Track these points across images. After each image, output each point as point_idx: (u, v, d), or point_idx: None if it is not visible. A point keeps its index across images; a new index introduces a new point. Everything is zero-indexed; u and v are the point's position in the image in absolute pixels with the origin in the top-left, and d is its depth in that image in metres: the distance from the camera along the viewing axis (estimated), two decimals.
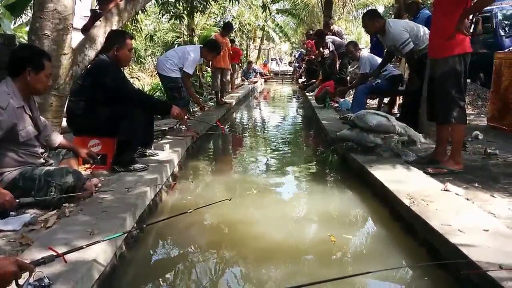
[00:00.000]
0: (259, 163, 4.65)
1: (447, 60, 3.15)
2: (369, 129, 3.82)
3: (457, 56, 3.12)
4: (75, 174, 2.55)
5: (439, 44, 3.23)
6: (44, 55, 2.49)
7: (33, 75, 2.40)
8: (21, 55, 2.43)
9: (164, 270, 2.24)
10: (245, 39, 21.30)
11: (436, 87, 3.28)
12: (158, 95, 8.63)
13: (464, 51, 3.13)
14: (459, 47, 3.11)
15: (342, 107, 7.21)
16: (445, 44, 3.13)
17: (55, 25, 3.26)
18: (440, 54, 3.22)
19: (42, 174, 2.43)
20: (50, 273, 1.61)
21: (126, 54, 3.44)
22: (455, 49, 3.11)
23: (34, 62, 2.40)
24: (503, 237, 2.00)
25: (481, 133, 4.54)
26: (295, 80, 18.18)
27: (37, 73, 2.41)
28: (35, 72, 2.40)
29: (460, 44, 3.10)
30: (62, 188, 2.44)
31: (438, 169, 3.21)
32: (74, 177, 2.51)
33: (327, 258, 2.34)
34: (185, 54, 5.28)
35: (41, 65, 2.42)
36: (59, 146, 2.84)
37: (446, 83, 3.17)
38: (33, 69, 2.39)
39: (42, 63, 2.42)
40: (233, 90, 11.37)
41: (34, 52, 2.47)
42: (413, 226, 2.42)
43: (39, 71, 2.41)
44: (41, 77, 2.43)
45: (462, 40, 3.10)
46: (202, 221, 2.80)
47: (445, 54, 3.16)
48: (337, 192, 3.49)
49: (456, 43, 3.09)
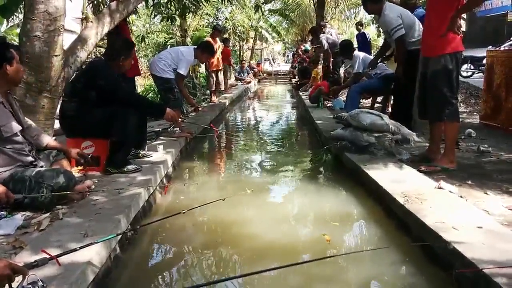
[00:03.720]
0: (253, 163, 4.65)
1: (439, 59, 3.18)
2: (363, 128, 3.83)
3: (448, 54, 3.14)
4: (66, 174, 2.53)
5: (431, 43, 3.26)
6: (8, 44, 2.53)
7: (10, 67, 2.42)
8: None
9: (159, 271, 2.23)
10: (238, 40, 21.30)
11: (428, 85, 3.30)
12: (151, 96, 8.61)
13: (455, 50, 3.16)
14: (451, 45, 3.13)
15: (335, 107, 7.22)
16: (437, 42, 3.16)
17: (46, 26, 3.23)
18: (432, 52, 3.24)
19: (32, 175, 2.41)
20: (44, 276, 1.59)
21: (129, 64, 3.56)
22: (447, 47, 3.14)
23: (6, 56, 2.41)
24: (496, 234, 2.01)
25: (474, 131, 4.57)
26: (289, 80, 18.22)
27: (12, 64, 2.43)
28: (10, 64, 2.42)
29: (451, 42, 3.13)
30: (54, 189, 2.41)
31: (432, 167, 3.23)
32: (66, 177, 2.49)
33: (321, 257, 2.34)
34: (179, 55, 5.26)
35: (11, 55, 2.43)
36: (48, 147, 2.81)
37: (438, 81, 3.20)
38: (8, 63, 2.41)
39: (12, 53, 2.44)
40: (226, 90, 11.36)
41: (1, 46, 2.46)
42: (407, 224, 2.43)
43: (12, 62, 2.43)
44: (18, 66, 2.47)
45: (454, 39, 3.12)
46: (196, 221, 2.79)
47: (437, 52, 3.19)
48: (331, 192, 3.49)
49: (448, 41, 3.11)
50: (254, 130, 7.10)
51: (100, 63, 3.35)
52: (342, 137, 4.13)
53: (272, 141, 5.86)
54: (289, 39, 26.82)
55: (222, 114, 8.46)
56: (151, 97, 8.56)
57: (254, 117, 9.02)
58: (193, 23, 13.42)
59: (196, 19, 13.56)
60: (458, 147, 3.97)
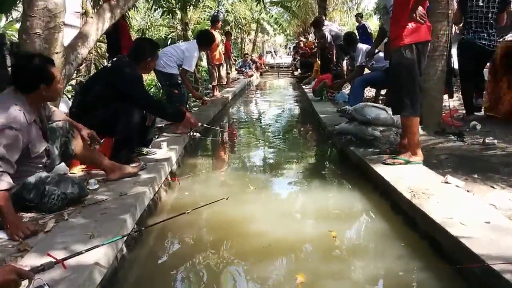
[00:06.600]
0: (257, 159, 4.63)
1: (399, 50, 3.08)
2: (368, 122, 3.80)
3: (408, 45, 3.03)
4: (80, 186, 2.56)
5: (393, 34, 3.17)
6: (49, 62, 2.44)
7: (47, 88, 2.38)
8: (31, 75, 2.35)
9: (166, 270, 2.22)
10: (240, 32, 21.19)
11: (390, 78, 3.25)
12: (153, 92, 8.58)
13: (417, 40, 3.04)
14: (411, 36, 3.02)
15: (339, 100, 7.18)
16: (398, 33, 3.07)
17: (46, 23, 3.19)
18: (393, 43, 3.16)
19: (46, 182, 2.41)
20: (51, 279, 1.59)
21: (154, 64, 3.60)
22: (406, 38, 3.03)
23: (46, 77, 2.37)
24: (504, 229, 1.99)
25: (479, 123, 4.52)
26: (292, 73, 18.13)
27: (50, 85, 2.39)
28: (48, 86, 2.39)
29: (412, 33, 3.01)
30: (66, 197, 2.43)
31: (395, 160, 3.20)
32: (79, 188, 2.53)
33: (328, 254, 2.33)
34: (185, 52, 5.23)
35: (51, 76, 2.39)
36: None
37: (397, 74, 3.14)
38: (46, 84, 2.37)
39: (51, 73, 2.40)
40: (228, 84, 11.31)
41: (41, 67, 2.37)
42: (414, 219, 2.41)
43: (51, 83, 2.40)
44: (54, 86, 2.42)
45: (416, 29, 3.01)
46: (201, 220, 2.78)
47: (397, 43, 3.09)
48: (336, 187, 3.48)
49: (408, 32, 3.01)
50: (258, 125, 7.06)
51: (125, 66, 3.32)
52: (346, 131, 4.10)
53: (276, 136, 5.84)
54: (291, 30, 26.61)
55: (226, 108, 8.43)
56: (153, 92, 8.53)
57: (257, 112, 8.98)
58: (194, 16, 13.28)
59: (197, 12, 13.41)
60: (463, 140, 3.95)
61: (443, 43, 4.22)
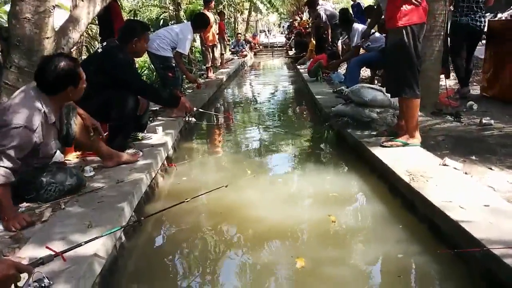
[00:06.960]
0: (254, 143, 4.59)
1: (396, 31, 3.05)
2: (365, 103, 3.77)
3: (404, 27, 3.00)
4: (78, 176, 2.53)
5: (389, 14, 3.11)
6: (76, 62, 2.38)
7: (74, 89, 2.34)
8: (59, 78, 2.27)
9: (165, 257, 2.21)
10: (232, 11, 20.80)
11: (387, 60, 3.22)
12: (146, 74, 8.45)
13: (412, 22, 3.00)
14: (407, 17, 2.98)
15: (335, 80, 7.12)
16: (394, 14, 3.02)
17: (36, 7, 3.10)
18: (390, 24, 3.12)
19: (43, 175, 2.37)
20: (51, 271, 1.58)
21: (143, 46, 3.45)
22: (402, 19, 2.99)
23: (75, 79, 2.32)
24: (504, 213, 2.00)
25: (475, 103, 4.51)
26: (286, 52, 17.94)
27: (77, 86, 2.36)
28: (75, 87, 2.35)
29: (408, 14, 2.97)
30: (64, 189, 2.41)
31: (392, 142, 3.19)
32: (78, 179, 2.50)
33: (328, 238, 2.34)
34: (178, 34, 5.14)
35: (79, 77, 2.35)
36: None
37: (395, 55, 3.11)
38: (74, 86, 2.33)
39: (80, 74, 2.35)
40: (222, 65, 11.17)
41: (70, 70, 2.30)
42: (413, 202, 2.42)
43: (78, 84, 2.36)
44: (80, 86, 2.39)
45: (412, 10, 2.97)
46: (199, 206, 2.77)
47: (394, 24, 3.05)
48: (334, 170, 3.47)
49: (404, 13, 2.97)
50: (253, 107, 7.00)
51: (116, 51, 3.24)
52: (343, 113, 4.08)
53: (272, 118, 5.79)
54: (284, 9, 26.19)
55: (220, 90, 8.34)
56: (146, 74, 8.40)
57: (252, 94, 8.90)
58: None
59: None
60: (460, 120, 3.94)
61: (440, 23, 4.17)
